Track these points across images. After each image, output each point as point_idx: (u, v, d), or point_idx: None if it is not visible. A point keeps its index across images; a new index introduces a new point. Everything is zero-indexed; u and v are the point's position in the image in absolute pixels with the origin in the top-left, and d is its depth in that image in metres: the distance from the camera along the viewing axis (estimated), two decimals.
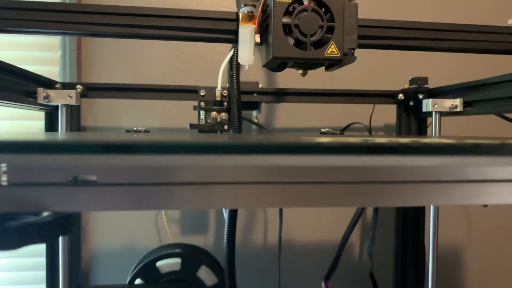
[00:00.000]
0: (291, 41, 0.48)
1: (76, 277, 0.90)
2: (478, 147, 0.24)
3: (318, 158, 0.22)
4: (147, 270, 0.87)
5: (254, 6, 0.50)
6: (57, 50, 0.99)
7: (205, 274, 0.88)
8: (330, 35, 0.48)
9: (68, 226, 0.30)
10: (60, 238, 0.80)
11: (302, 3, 0.48)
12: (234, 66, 0.77)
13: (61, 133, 0.63)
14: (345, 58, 0.49)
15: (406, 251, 1.01)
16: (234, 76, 0.78)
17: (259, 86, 0.95)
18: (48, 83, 0.80)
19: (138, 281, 0.86)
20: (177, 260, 0.88)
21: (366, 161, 0.23)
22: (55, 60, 0.99)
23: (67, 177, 0.25)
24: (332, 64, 0.50)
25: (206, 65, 1.05)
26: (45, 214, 0.29)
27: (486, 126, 1.13)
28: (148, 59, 1.03)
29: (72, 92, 0.72)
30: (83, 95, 0.87)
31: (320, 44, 0.48)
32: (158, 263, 0.87)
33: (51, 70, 0.98)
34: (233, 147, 0.22)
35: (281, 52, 0.47)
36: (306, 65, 0.52)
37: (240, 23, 0.51)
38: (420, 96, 0.94)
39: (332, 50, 0.48)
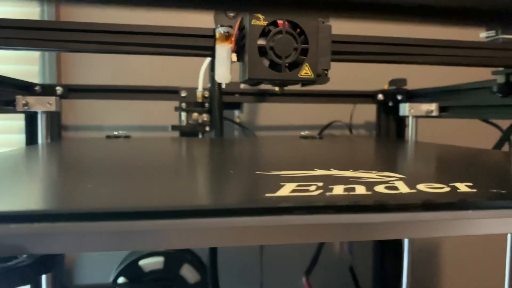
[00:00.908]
0: (266, 62, 0.49)
1: (60, 277, 0.91)
2: (431, 205, 0.26)
3: (284, 218, 0.24)
4: (130, 269, 0.88)
5: (231, 26, 0.51)
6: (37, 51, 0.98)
7: (188, 272, 0.90)
8: (304, 57, 0.49)
9: (51, 265, 0.31)
10: None
11: (277, 25, 0.48)
12: None
13: (40, 147, 0.64)
14: (318, 79, 0.50)
15: (384, 246, 1.04)
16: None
17: (241, 87, 0.96)
18: (27, 87, 0.80)
19: (121, 280, 0.88)
20: (160, 259, 0.90)
21: (329, 219, 0.25)
22: (34, 59, 0.98)
23: None
24: (306, 83, 0.51)
25: (188, 64, 1.05)
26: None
27: (467, 125, 1.16)
28: (129, 56, 1.02)
29: (52, 99, 0.72)
30: (63, 96, 0.87)
31: (295, 65, 0.49)
32: (141, 262, 0.89)
33: (30, 69, 0.97)
34: (211, 211, 0.24)
35: (256, 74, 0.48)
36: (281, 84, 0.53)
37: (217, 42, 0.51)
38: (399, 97, 0.95)
39: (306, 71, 0.49)
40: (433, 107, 0.82)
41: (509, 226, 0.31)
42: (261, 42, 0.48)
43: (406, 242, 0.96)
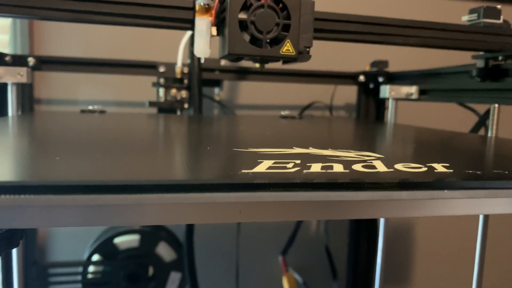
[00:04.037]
0: (247, 37, 0.47)
1: (32, 253, 0.89)
2: (408, 184, 0.26)
3: (260, 195, 0.24)
4: (105, 246, 0.87)
5: None
6: (7, 18, 0.93)
7: (164, 250, 0.90)
8: (286, 33, 0.48)
9: (14, 240, 0.30)
10: None
11: None
12: None
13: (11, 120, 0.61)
14: (300, 57, 0.49)
15: (360, 227, 1.06)
16: None
17: (221, 64, 0.94)
18: None
19: (96, 257, 0.87)
20: (136, 237, 0.89)
21: (306, 196, 0.24)
22: (5, 28, 0.93)
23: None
24: (287, 60, 0.50)
25: (167, 38, 1.02)
26: None
27: (445, 109, 1.17)
28: (106, 28, 0.98)
29: (23, 70, 0.68)
30: (35, 68, 0.83)
31: (276, 41, 0.48)
32: (116, 240, 0.88)
33: (1, 39, 0.93)
34: (185, 186, 0.23)
35: (236, 49, 0.47)
36: (262, 61, 0.52)
37: (197, 14, 0.50)
38: (380, 79, 0.95)
39: (287, 48, 0.48)
40: (413, 90, 0.82)
41: (483, 207, 0.31)
42: (242, 16, 0.47)
43: (381, 223, 0.97)
